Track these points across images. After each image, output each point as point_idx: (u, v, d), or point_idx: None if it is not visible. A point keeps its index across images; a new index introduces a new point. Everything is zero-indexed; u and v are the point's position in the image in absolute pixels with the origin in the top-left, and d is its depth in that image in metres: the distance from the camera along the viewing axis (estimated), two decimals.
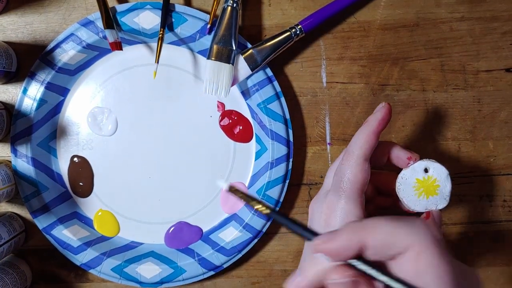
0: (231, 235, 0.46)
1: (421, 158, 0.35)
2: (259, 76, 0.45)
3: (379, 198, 0.37)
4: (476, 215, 0.48)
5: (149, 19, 0.44)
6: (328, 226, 0.31)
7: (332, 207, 0.32)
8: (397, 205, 0.36)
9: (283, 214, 0.31)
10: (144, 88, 0.47)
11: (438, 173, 0.34)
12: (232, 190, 0.31)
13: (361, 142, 0.33)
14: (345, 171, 0.33)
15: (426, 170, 0.34)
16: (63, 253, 0.47)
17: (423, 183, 0.34)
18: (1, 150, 0.47)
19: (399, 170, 0.35)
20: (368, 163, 0.33)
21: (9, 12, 0.47)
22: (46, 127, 0.47)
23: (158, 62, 0.43)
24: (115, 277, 0.46)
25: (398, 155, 0.35)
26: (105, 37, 0.44)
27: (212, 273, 0.47)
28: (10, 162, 0.47)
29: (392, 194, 0.36)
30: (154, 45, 0.47)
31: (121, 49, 0.43)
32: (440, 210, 0.34)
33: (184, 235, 0.48)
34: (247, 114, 0.47)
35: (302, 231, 0.29)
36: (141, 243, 0.48)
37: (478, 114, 0.47)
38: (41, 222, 0.46)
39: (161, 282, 0.46)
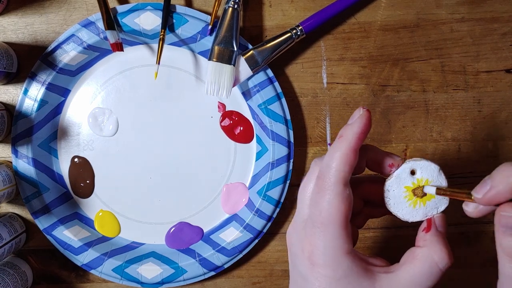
0: (231, 236, 0.47)
1: (405, 159, 0.30)
2: (260, 77, 0.45)
3: (367, 209, 0.34)
4: None
5: (150, 20, 0.44)
6: (313, 264, 0.28)
7: (314, 244, 0.28)
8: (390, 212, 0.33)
9: None
10: (145, 89, 0.47)
11: (428, 172, 0.29)
12: (441, 191, 0.28)
13: (338, 163, 0.27)
14: (322, 202, 0.28)
15: (413, 173, 0.29)
16: (64, 254, 0.47)
17: None
18: (2, 151, 0.47)
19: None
20: (348, 187, 0.28)
21: (10, 12, 0.47)
22: (47, 128, 0.47)
23: (159, 63, 0.43)
24: (116, 278, 0.47)
25: (377, 161, 0.30)
26: (106, 38, 0.44)
27: (213, 273, 0.47)
28: (11, 163, 0.47)
29: (381, 203, 0.31)
30: (155, 46, 0.47)
31: (122, 50, 0.43)
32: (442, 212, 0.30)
33: (185, 236, 0.48)
34: (247, 114, 0.47)
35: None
36: (142, 244, 0.48)
37: (478, 115, 0.48)
38: (42, 223, 0.46)
39: (162, 282, 0.46)
